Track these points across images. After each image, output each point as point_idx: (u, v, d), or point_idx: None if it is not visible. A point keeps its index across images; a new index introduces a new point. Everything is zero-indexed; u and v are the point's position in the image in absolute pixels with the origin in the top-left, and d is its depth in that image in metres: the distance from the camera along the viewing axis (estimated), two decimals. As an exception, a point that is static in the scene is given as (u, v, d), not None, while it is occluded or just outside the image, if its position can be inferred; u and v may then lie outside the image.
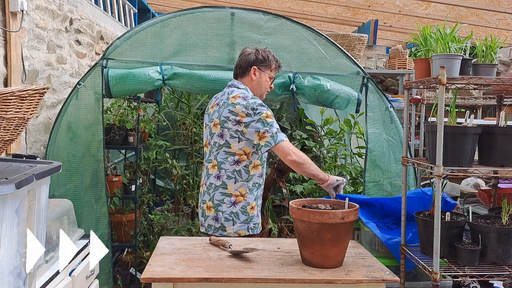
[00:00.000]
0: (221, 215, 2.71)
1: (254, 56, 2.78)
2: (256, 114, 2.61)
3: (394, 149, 3.43)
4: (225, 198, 2.70)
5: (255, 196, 2.74)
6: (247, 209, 2.70)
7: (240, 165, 2.68)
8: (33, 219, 1.78)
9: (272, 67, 2.83)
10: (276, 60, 2.84)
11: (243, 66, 2.79)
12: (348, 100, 3.33)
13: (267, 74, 2.81)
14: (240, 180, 2.69)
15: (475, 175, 2.44)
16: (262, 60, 2.79)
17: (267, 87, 2.84)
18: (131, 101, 3.87)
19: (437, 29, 2.51)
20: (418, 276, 3.00)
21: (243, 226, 2.70)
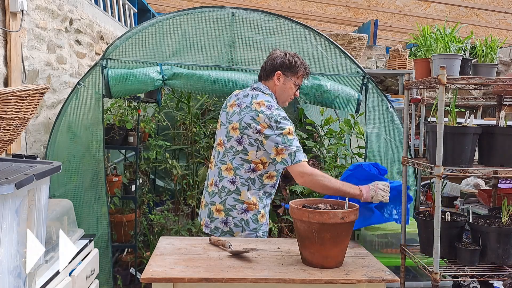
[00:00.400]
0: (231, 220, 2.63)
1: (281, 60, 2.63)
2: (278, 128, 2.49)
3: (394, 149, 3.43)
4: (237, 205, 2.62)
5: (264, 205, 2.69)
6: (258, 218, 2.65)
7: (255, 173, 2.60)
8: (33, 219, 1.78)
9: (299, 74, 2.67)
10: (305, 67, 2.68)
11: (268, 69, 2.66)
12: (348, 100, 3.33)
13: (292, 81, 2.66)
14: (253, 188, 2.62)
15: (475, 175, 2.44)
16: (288, 66, 2.64)
17: (291, 94, 2.69)
18: (131, 101, 3.87)
19: (437, 29, 2.51)
20: (418, 276, 3.00)
21: (252, 234, 2.65)
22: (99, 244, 3.22)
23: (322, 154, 4.09)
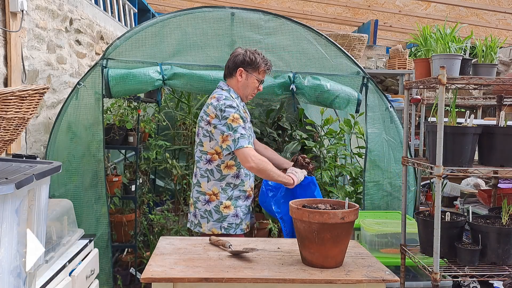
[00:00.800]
0: (198, 212, 2.82)
1: (242, 57, 2.79)
2: (223, 117, 2.67)
3: (394, 149, 3.43)
4: (200, 196, 2.81)
5: (229, 196, 2.78)
6: (220, 208, 2.77)
7: (213, 164, 2.76)
8: (33, 219, 1.78)
9: (260, 69, 2.81)
10: (266, 63, 2.81)
11: (230, 67, 2.83)
12: (348, 100, 3.33)
13: (254, 76, 2.80)
14: (213, 179, 2.77)
15: (475, 175, 2.44)
16: (249, 62, 2.79)
17: (253, 89, 2.85)
18: (131, 101, 3.87)
19: (437, 29, 2.51)
20: (418, 276, 3.00)
21: (216, 224, 2.78)
22: (99, 244, 3.22)
23: (322, 154, 4.09)
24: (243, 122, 2.72)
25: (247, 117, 2.85)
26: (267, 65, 2.83)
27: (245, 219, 2.85)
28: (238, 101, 2.82)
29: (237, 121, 2.67)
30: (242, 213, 2.82)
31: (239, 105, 2.78)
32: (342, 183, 4.23)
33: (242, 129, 2.67)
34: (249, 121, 2.90)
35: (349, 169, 3.86)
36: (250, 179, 2.87)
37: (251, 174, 2.85)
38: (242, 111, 2.80)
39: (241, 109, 2.80)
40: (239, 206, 2.81)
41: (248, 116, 2.90)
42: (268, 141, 4.71)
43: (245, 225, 2.85)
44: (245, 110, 2.87)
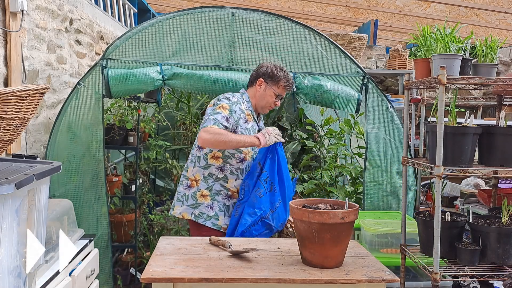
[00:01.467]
0: (176, 195, 2.90)
1: (265, 69, 2.87)
2: (215, 103, 2.76)
3: (394, 149, 3.43)
4: (184, 180, 2.88)
5: (209, 187, 2.82)
6: (197, 195, 2.83)
7: (202, 151, 2.84)
8: (33, 219, 1.78)
9: (279, 84, 2.86)
10: (287, 79, 2.87)
11: (253, 76, 2.92)
12: (348, 100, 3.33)
13: (272, 89, 2.87)
14: (198, 166, 2.85)
15: (475, 175, 2.44)
16: (270, 75, 2.86)
17: (270, 102, 2.90)
18: (131, 101, 3.87)
19: (437, 29, 2.51)
20: (418, 276, 3.00)
21: (188, 209, 2.84)
22: (99, 244, 3.22)
23: (322, 154, 4.09)
24: (230, 113, 2.72)
25: (249, 120, 2.85)
26: (289, 82, 2.89)
27: (223, 217, 2.83)
28: (247, 104, 2.88)
29: (221, 109, 2.72)
30: (218, 209, 2.83)
31: (240, 103, 2.81)
32: (342, 183, 4.23)
33: (221, 117, 2.69)
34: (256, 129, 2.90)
35: (349, 169, 3.86)
36: (237, 180, 2.85)
37: (238, 175, 2.85)
38: (243, 111, 2.81)
39: (243, 108, 2.82)
40: (217, 201, 2.83)
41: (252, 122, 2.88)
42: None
43: (223, 223, 2.82)
44: (250, 114, 2.87)
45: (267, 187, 2.76)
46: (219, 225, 2.83)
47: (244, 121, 2.81)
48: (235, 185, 2.86)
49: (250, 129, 2.84)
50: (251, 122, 2.87)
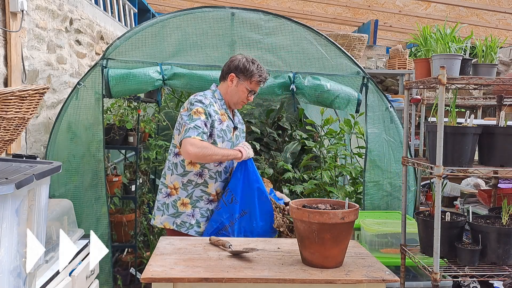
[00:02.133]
0: (156, 203, 2.83)
1: (237, 63, 2.75)
2: (190, 109, 2.66)
3: (394, 149, 3.43)
4: (163, 188, 2.81)
5: (189, 194, 2.75)
6: (177, 204, 2.76)
7: (178, 158, 2.76)
8: (33, 219, 1.78)
9: (252, 79, 2.74)
10: (260, 74, 2.74)
11: (224, 70, 2.80)
12: (348, 100, 3.33)
13: (244, 85, 2.75)
14: (175, 173, 2.77)
15: (475, 175, 2.44)
16: (242, 70, 2.73)
17: (243, 98, 2.79)
18: (131, 101, 3.87)
19: (437, 29, 2.51)
20: (418, 276, 3.00)
21: (170, 219, 2.77)
22: (99, 244, 3.22)
23: (322, 154, 4.09)
24: (206, 117, 2.64)
25: (224, 120, 2.76)
26: (262, 77, 2.76)
27: (204, 222, 2.76)
28: (220, 103, 2.78)
29: (198, 114, 2.63)
30: (200, 215, 2.75)
31: (213, 105, 2.72)
32: (342, 183, 4.23)
33: (200, 122, 2.61)
34: (231, 127, 2.82)
35: (349, 169, 3.86)
36: (216, 182, 2.78)
37: (217, 178, 2.78)
38: (217, 112, 2.73)
39: (216, 109, 2.73)
40: (198, 208, 2.75)
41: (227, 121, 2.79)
42: (268, 141, 4.72)
43: (204, 228, 2.77)
44: (224, 113, 2.79)
45: (227, 199, 2.73)
46: (201, 232, 2.76)
47: (219, 123, 2.72)
48: (215, 189, 2.78)
49: (226, 130, 2.76)
50: (226, 121, 2.78)
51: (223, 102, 2.81)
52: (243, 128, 3.00)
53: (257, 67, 2.75)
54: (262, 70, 2.77)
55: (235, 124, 2.87)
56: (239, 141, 2.89)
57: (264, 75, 2.78)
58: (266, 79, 2.81)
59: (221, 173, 2.80)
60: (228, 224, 2.70)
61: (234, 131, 2.83)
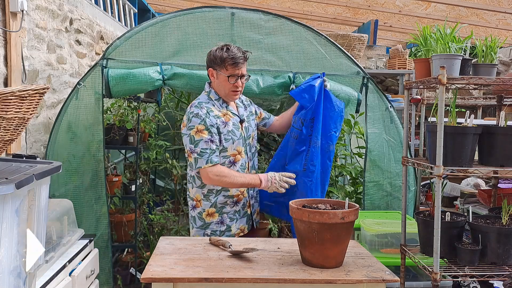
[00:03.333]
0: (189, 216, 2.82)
1: (208, 57, 2.68)
2: (189, 127, 2.61)
3: (394, 149, 3.43)
4: (189, 201, 2.80)
5: (213, 203, 2.72)
6: (203, 215, 2.74)
7: (194, 171, 2.69)
8: (33, 219, 1.78)
9: (226, 64, 2.60)
10: (232, 56, 2.58)
11: (206, 68, 2.75)
12: (348, 100, 3.33)
13: (222, 74, 2.64)
14: (195, 186, 2.75)
15: (475, 175, 2.44)
16: (214, 61, 2.64)
17: (230, 87, 2.66)
18: (131, 101, 3.86)
19: (437, 29, 2.51)
20: (418, 276, 3.00)
21: (199, 231, 2.75)
22: (99, 244, 3.22)
23: (322, 154, 4.09)
24: (209, 132, 2.59)
25: (228, 120, 2.70)
26: (235, 57, 2.59)
27: (234, 224, 2.77)
28: (218, 103, 2.72)
29: (200, 134, 2.57)
30: (229, 219, 2.74)
31: (211, 110, 2.65)
32: (342, 183, 4.23)
33: (205, 144, 2.57)
34: (238, 121, 2.76)
35: (349, 169, 3.86)
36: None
37: None
38: (218, 117, 2.66)
39: (216, 113, 2.67)
40: (225, 213, 2.74)
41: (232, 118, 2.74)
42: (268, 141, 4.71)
43: (235, 230, 2.78)
44: (227, 112, 2.73)
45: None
46: (232, 234, 2.76)
47: (223, 126, 2.66)
48: (237, 189, 2.75)
49: (233, 129, 2.70)
50: (231, 119, 2.71)
51: (222, 101, 2.74)
52: (251, 111, 2.92)
53: (227, 50, 2.60)
54: (234, 51, 2.60)
55: (241, 117, 2.80)
56: (251, 132, 2.84)
57: (238, 54, 2.60)
58: (241, 58, 2.62)
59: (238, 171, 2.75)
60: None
61: (242, 124, 2.78)
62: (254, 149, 2.91)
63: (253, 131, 2.88)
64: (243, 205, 2.81)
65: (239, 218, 2.79)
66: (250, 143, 2.85)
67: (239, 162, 2.75)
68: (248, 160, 2.82)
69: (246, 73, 2.71)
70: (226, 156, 2.70)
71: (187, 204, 4.37)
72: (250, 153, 2.85)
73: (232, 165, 2.72)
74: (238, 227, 2.79)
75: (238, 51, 2.62)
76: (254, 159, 2.92)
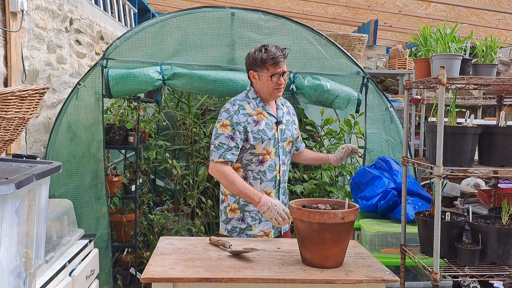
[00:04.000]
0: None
1: (247, 60, 2.69)
2: (218, 120, 2.64)
3: (394, 149, 3.43)
4: (220, 195, 2.80)
5: (237, 199, 2.68)
6: (227, 210, 2.73)
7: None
8: (33, 219, 1.78)
9: (267, 65, 2.61)
10: (272, 56, 2.59)
11: (247, 71, 2.73)
12: (348, 100, 3.33)
13: (263, 74, 2.63)
14: None
15: (475, 175, 2.44)
16: (254, 63, 2.65)
17: (272, 86, 2.64)
18: (131, 101, 3.87)
19: (437, 29, 2.51)
20: (418, 276, 3.00)
21: (222, 225, 2.76)
22: (99, 244, 3.22)
23: (322, 154, 4.09)
24: (232, 129, 2.58)
25: (261, 119, 2.66)
26: (275, 57, 2.59)
27: (257, 225, 2.68)
28: (255, 102, 2.69)
29: (223, 128, 2.59)
30: (250, 219, 2.68)
31: (243, 108, 2.63)
32: (342, 183, 4.23)
33: (224, 138, 2.57)
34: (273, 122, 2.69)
35: (349, 169, 3.86)
36: (262, 183, 2.67)
37: (262, 178, 2.67)
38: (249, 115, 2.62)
39: (249, 111, 2.64)
40: (247, 211, 2.68)
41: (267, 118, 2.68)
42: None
43: (258, 231, 2.69)
44: (262, 111, 2.68)
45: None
46: (254, 235, 2.69)
47: (254, 124, 2.62)
48: (262, 189, 2.67)
49: (265, 128, 2.65)
50: (264, 119, 2.66)
51: (259, 100, 2.70)
52: (293, 119, 2.85)
53: (265, 51, 2.61)
54: (271, 51, 2.61)
55: (278, 119, 2.73)
56: (287, 136, 2.75)
57: (278, 53, 2.61)
58: (281, 56, 2.62)
59: (265, 173, 2.68)
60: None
61: (277, 126, 2.71)
62: (290, 155, 2.82)
63: (291, 137, 2.78)
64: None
65: (263, 220, 2.69)
66: (285, 147, 2.75)
67: (267, 163, 2.68)
68: (281, 163, 2.72)
69: (286, 70, 2.70)
70: (255, 154, 2.65)
71: (187, 204, 4.40)
72: (285, 157, 2.75)
73: (260, 164, 2.66)
74: (261, 229, 2.70)
75: (277, 50, 2.63)
76: (289, 167, 2.84)
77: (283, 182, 2.75)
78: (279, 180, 2.71)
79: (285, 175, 2.79)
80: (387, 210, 3.00)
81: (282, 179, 2.74)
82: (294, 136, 2.81)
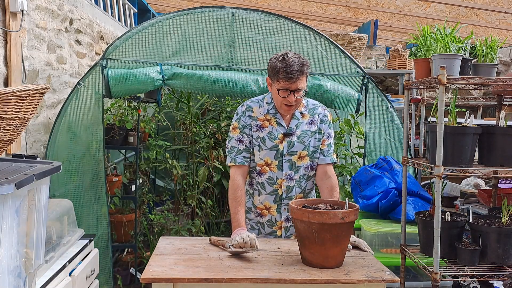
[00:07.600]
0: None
1: (269, 64, 2.42)
2: (232, 122, 2.59)
3: (394, 149, 3.43)
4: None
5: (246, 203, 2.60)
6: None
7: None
8: (33, 219, 1.78)
9: (278, 77, 2.33)
10: (285, 70, 2.29)
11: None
12: (348, 100, 3.34)
13: (274, 86, 2.40)
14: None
15: (475, 175, 2.44)
16: (270, 70, 2.40)
17: (280, 100, 2.40)
18: (131, 101, 3.87)
19: (437, 29, 2.51)
20: (418, 276, 3.00)
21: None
22: (99, 244, 3.22)
23: (322, 154, 4.09)
24: (240, 132, 2.50)
25: (265, 126, 2.50)
26: (286, 71, 2.29)
27: (255, 234, 2.53)
28: (267, 107, 2.52)
29: (233, 131, 2.53)
30: (250, 227, 2.61)
31: (251, 110, 2.52)
32: (342, 183, 4.23)
33: (235, 142, 2.52)
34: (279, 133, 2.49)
35: (349, 169, 3.86)
36: (261, 195, 2.55)
37: (260, 189, 2.55)
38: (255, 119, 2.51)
39: (257, 115, 2.51)
40: (248, 219, 2.62)
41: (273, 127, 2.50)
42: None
43: (258, 203, 2.58)
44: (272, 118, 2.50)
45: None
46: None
47: (255, 130, 2.49)
48: (261, 202, 2.56)
49: (265, 137, 2.49)
50: (269, 128, 2.49)
51: (272, 106, 2.50)
52: (318, 129, 2.55)
53: (282, 60, 2.32)
54: (288, 62, 2.30)
55: (288, 130, 2.50)
56: (297, 149, 2.51)
57: (293, 67, 2.29)
58: (295, 71, 2.30)
59: (264, 185, 2.53)
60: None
61: (283, 138, 2.49)
62: (304, 171, 2.54)
63: (306, 150, 2.52)
64: (269, 222, 2.58)
65: (264, 233, 2.60)
66: (295, 161, 2.51)
67: (266, 175, 2.52)
68: (284, 178, 2.51)
69: (303, 87, 2.37)
70: (254, 162, 2.54)
71: (187, 204, 4.40)
72: (293, 173, 2.52)
73: (258, 175, 2.54)
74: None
75: (295, 62, 2.31)
76: (302, 184, 2.55)
77: (287, 199, 2.53)
78: (280, 195, 2.53)
79: (292, 192, 2.54)
80: (387, 209, 3.00)
81: (286, 195, 2.53)
82: (310, 149, 2.53)
